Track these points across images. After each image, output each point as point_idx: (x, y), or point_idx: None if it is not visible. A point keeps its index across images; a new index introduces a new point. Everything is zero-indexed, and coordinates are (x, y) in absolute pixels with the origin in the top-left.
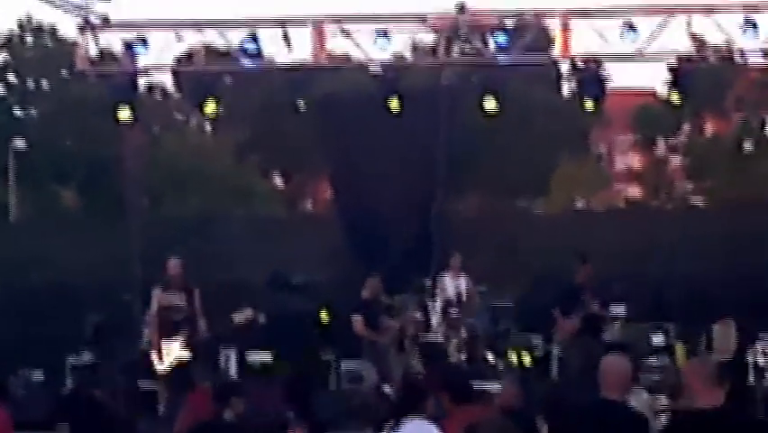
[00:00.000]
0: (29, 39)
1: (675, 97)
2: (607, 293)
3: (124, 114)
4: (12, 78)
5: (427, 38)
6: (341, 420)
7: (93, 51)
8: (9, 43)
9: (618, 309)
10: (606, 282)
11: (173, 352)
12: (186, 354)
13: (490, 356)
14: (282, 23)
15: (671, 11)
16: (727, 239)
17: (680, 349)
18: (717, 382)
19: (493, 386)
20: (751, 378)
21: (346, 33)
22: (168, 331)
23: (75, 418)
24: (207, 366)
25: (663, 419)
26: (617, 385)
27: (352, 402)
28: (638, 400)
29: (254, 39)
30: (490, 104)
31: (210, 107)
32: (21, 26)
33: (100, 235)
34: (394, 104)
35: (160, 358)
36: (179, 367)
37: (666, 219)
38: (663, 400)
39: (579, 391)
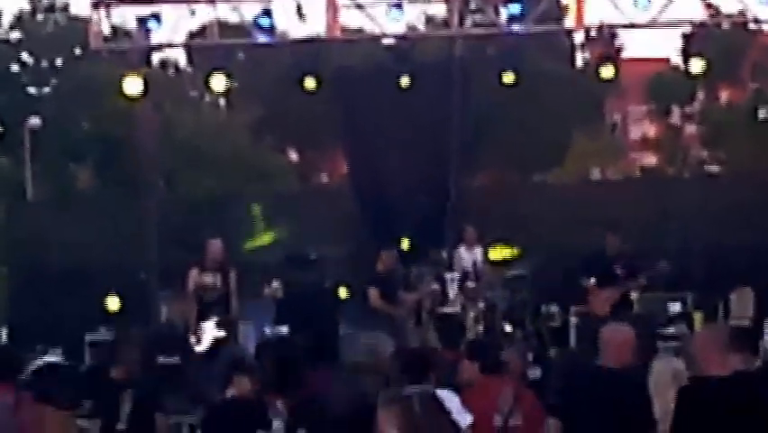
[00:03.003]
0: (41, 17)
1: (696, 65)
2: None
3: (134, 86)
4: (25, 56)
5: (440, 9)
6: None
7: (106, 28)
8: (21, 21)
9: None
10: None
11: (210, 332)
12: (222, 334)
13: (508, 327)
14: None
15: None
16: (744, 206)
17: (697, 318)
18: (732, 350)
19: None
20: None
21: (359, 6)
22: (202, 311)
23: (94, 394)
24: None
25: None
26: (616, 354)
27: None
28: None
29: (268, 13)
30: (509, 77)
31: (219, 83)
32: (33, 3)
33: (116, 214)
34: (404, 81)
35: (198, 339)
36: (216, 346)
37: (682, 187)
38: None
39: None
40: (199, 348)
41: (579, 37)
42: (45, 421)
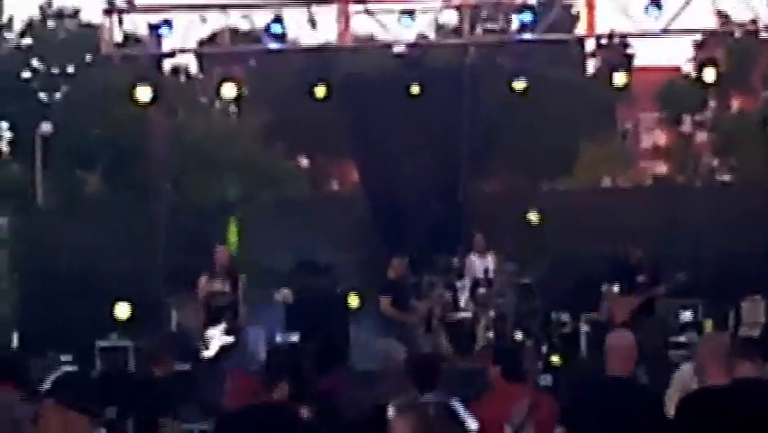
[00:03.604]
0: (51, 23)
1: (709, 74)
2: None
3: (145, 94)
4: (36, 62)
5: (451, 17)
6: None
7: (117, 35)
8: (31, 28)
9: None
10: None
11: (218, 339)
12: (229, 340)
13: (519, 335)
14: (307, 3)
15: None
16: (755, 215)
17: (708, 326)
18: (739, 358)
19: None
20: None
21: (370, 13)
22: (211, 317)
23: (105, 400)
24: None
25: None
26: (623, 362)
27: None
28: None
29: (279, 20)
30: (520, 84)
31: (230, 90)
32: (42, 10)
33: (126, 219)
34: (414, 89)
35: (206, 346)
36: (223, 352)
37: (693, 196)
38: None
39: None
40: (207, 354)
41: (590, 45)
42: (69, 427)
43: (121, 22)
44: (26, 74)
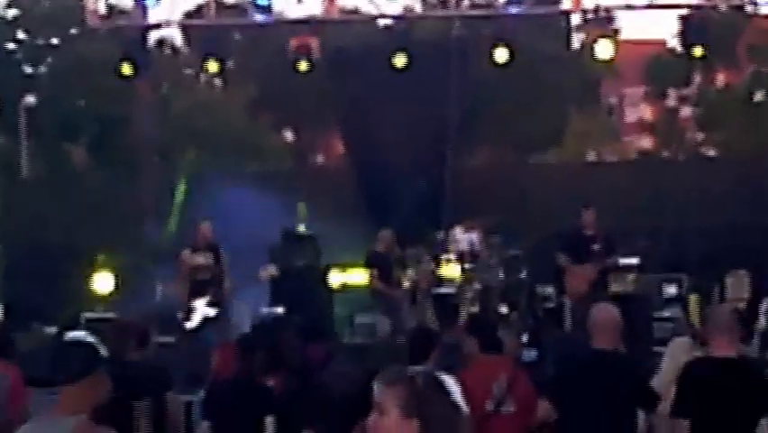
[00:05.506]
0: None
1: (697, 50)
2: (619, 244)
3: (127, 69)
4: (21, 34)
5: None
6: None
7: (102, 7)
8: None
9: (631, 260)
10: (619, 234)
11: (200, 310)
12: (212, 312)
13: (504, 308)
14: None
15: None
16: (739, 189)
17: (693, 301)
18: (735, 331)
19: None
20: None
21: None
22: (195, 291)
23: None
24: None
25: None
26: (607, 335)
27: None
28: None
29: None
30: (502, 55)
31: (215, 64)
32: None
33: (111, 192)
34: (401, 61)
35: (189, 317)
36: (207, 324)
37: (678, 170)
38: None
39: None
40: (189, 325)
41: (576, 19)
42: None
43: None
44: (11, 45)
